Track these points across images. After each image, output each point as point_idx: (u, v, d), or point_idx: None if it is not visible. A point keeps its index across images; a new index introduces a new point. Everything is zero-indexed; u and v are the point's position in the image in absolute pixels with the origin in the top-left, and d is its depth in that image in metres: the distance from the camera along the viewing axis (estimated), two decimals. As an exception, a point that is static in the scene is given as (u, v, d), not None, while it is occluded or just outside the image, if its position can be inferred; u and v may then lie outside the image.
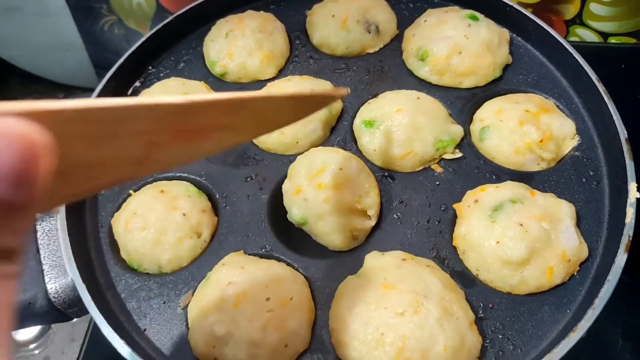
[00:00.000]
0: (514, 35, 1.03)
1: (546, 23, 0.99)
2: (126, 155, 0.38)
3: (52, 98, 1.31)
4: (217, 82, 1.05)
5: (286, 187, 0.83)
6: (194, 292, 0.78)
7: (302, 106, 0.54)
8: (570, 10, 1.33)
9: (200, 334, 0.72)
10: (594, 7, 1.31)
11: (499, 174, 0.86)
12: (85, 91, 1.73)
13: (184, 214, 0.82)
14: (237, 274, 0.74)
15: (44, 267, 0.80)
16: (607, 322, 1.02)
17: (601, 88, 0.88)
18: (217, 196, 0.89)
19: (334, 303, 0.74)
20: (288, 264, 0.80)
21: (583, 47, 1.36)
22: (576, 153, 0.88)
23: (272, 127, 0.54)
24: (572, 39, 1.39)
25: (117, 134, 0.35)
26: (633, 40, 1.35)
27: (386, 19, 1.07)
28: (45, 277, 0.80)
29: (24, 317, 0.80)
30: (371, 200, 0.81)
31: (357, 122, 0.93)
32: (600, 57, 1.34)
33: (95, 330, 1.08)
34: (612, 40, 1.37)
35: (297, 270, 0.79)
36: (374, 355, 0.66)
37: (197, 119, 0.41)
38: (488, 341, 0.71)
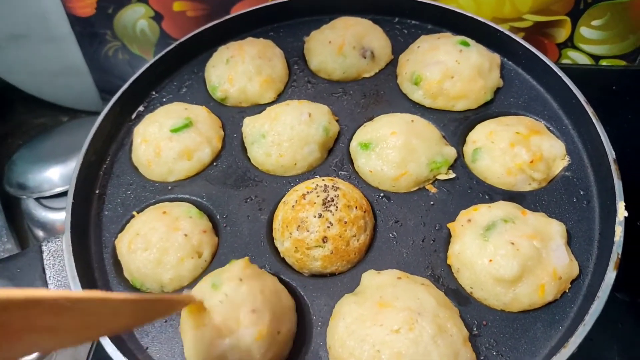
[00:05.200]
0: (505, 59, 1.07)
1: (538, 46, 1.02)
2: None
3: (57, 121, 1.33)
4: (218, 107, 1.08)
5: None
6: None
7: (145, 310, 0.49)
8: (562, 34, 1.37)
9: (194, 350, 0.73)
10: (584, 31, 1.35)
11: (491, 194, 0.89)
12: (90, 114, 1.76)
13: (186, 235, 0.85)
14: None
15: (50, 286, 0.83)
16: (603, 338, 1.03)
17: (590, 110, 0.91)
18: (218, 217, 0.91)
19: (332, 321, 0.76)
20: (287, 283, 0.82)
21: (575, 70, 1.40)
22: (567, 173, 0.90)
23: (105, 331, 0.48)
24: (564, 61, 1.43)
25: None
26: (623, 63, 1.39)
27: (381, 44, 1.10)
28: (50, 297, 0.82)
29: (29, 336, 0.81)
30: None
31: (354, 144, 0.96)
32: (592, 79, 1.38)
33: (97, 350, 1.09)
34: (603, 62, 1.41)
35: (295, 288, 0.81)
36: (371, 371, 0.68)
37: (4, 318, 0.34)
38: (482, 358, 0.73)
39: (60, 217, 1.43)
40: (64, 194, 1.41)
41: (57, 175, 1.41)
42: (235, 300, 0.71)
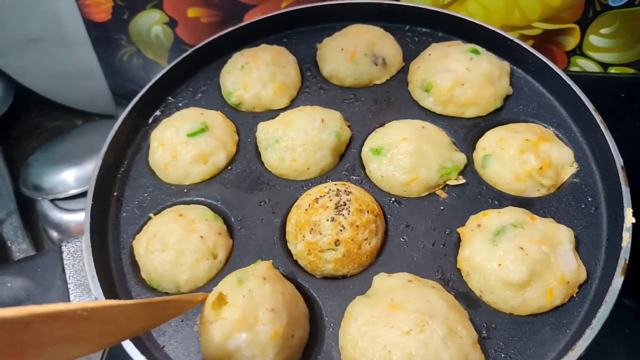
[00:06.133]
0: (515, 67, 1.08)
1: (547, 54, 1.03)
2: None
3: (72, 124, 1.35)
4: (233, 112, 1.10)
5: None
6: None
7: (158, 313, 0.52)
8: (571, 42, 1.38)
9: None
10: (593, 39, 1.36)
11: (500, 199, 0.90)
12: (104, 118, 1.79)
13: (201, 237, 0.87)
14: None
15: (69, 285, 0.85)
16: (611, 343, 1.04)
17: (598, 117, 0.92)
18: (233, 219, 0.93)
19: (344, 322, 0.78)
20: (300, 285, 0.84)
21: (584, 77, 1.41)
22: (575, 180, 0.91)
23: (123, 335, 0.51)
24: (573, 69, 1.43)
25: None
26: (632, 70, 1.40)
27: (392, 52, 1.12)
28: (70, 295, 0.84)
29: (49, 333, 0.84)
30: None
31: (365, 149, 0.98)
32: (600, 87, 1.39)
33: (113, 348, 1.11)
34: (612, 70, 1.41)
35: (308, 290, 0.83)
36: (382, 372, 0.70)
37: (30, 333, 0.35)
38: (491, 360, 0.74)
39: (74, 218, 1.46)
40: (78, 195, 1.44)
41: (72, 177, 1.44)
42: (257, 296, 0.73)
